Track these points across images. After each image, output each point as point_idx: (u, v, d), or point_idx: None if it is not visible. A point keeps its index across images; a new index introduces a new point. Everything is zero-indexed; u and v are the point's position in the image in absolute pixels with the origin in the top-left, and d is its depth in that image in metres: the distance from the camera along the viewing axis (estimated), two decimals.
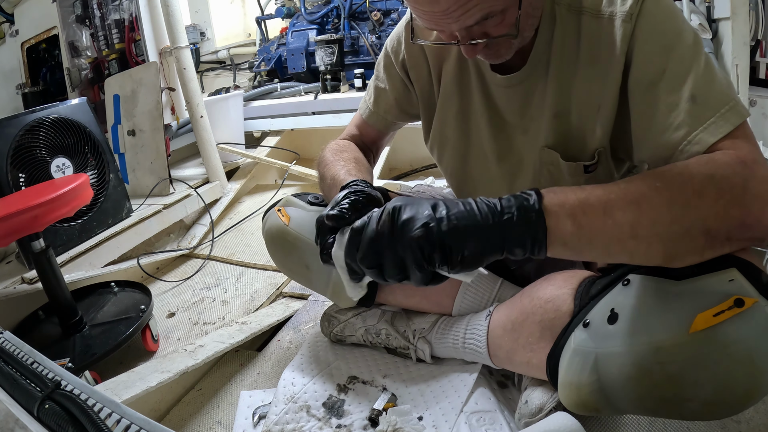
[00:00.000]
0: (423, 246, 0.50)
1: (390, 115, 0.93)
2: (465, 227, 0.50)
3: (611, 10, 0.64)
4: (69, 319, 1.18)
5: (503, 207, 0.51)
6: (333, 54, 2.44)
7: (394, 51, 0.88)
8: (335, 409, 0.85)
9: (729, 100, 0.57)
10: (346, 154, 0.87)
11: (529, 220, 0.50)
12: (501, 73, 0.75)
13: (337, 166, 0.82)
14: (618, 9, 0.63)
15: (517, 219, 0.50)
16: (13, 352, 0.68)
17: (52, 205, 1.06)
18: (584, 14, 0.66)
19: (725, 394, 0.48)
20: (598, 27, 0.65)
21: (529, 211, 0.50)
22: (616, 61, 0.63)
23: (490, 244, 0.51)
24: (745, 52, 1.49)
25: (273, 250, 0.96)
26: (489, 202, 0.52)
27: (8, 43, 3.18)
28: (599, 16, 0.65)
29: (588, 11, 0.66)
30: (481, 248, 0.51)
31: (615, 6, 0.63)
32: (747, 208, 0.49)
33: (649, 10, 0.61)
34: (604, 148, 0.71)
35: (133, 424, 0.51)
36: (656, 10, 0.61)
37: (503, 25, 0.60)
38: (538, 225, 0.50)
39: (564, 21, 0.68)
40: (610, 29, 0.64)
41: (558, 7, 0.68)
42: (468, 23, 0.58)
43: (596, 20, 0.65)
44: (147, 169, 2.07)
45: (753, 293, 0.48)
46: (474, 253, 0.50)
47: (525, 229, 0.50)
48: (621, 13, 0.62)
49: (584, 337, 0.59)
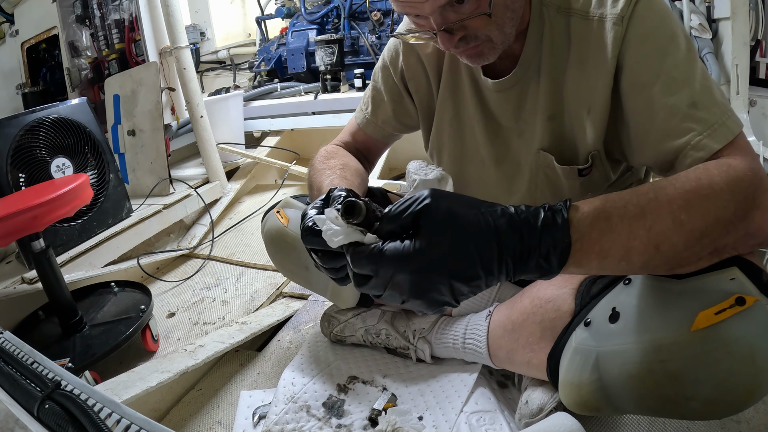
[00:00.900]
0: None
1: (388, 126, 0.93)
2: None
3: (601, 12, 0.63)
4: (69, 319, 1.18)
5: (531, 225, 0.46)
6: (333, 54, 2.44)
7: (392, 62, 0.87)
8: (335, 409, 0.85)
9: (727, 109, 0.58)
10: (333, 161, 0.84)
11: (547, 261, 0.46)
12: (492, 78, 0.75)
13: (323, 175, 0.80)
14: (608, 11, 0.62)
15: (543, 243, 0.45)
16: (13, 352, 0.68)
17: (52, 205, 1.06)
18: (573, 16, 0.66)
19: (726, 393, 0.48)
20: (587, 29, 0.65)
21: (557, 240, 0.46)
22: (606, 64, 0.63)
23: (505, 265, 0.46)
24: (745, 52, 1.49)
25: (272, 252, 0.96)
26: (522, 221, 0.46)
27: (8, 43, 3.19)
28: (588, 18, 0.64)
29: (577, 13, 0.65)
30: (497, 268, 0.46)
31: (605, 8, 0.62)
32: (751, 219, 0.49)
33: (641, 13, 0.60)
34: (598, 151, 0.71)
35: (133, 424, 0.51)
36: (648, 13, 0.60)
37: (479, 9, 0.59)
38: (552, 273, 0.47)
39: (553, 23, 0.68)
40: (600, 32, 0.63)
41: (546, 9, 0.68)
42: (440, 2, 0.57)
43: (585, 22, 0.65)
44: (147, 169, 2.07)
45: (754, 292, 0.48)
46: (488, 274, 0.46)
47: (541, 266, 0.46)
48: (612, 15, 0.62)
49: (585, 336, 0.58)
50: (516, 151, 0.79)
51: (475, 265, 0.44)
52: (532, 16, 0.68)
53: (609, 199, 0.48)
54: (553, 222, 0.45)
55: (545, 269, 0.46)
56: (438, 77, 0.83)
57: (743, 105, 1.49)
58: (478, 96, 0.79)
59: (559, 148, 0.73)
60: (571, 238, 0.45)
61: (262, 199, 2.25)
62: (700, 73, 0.59)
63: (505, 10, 0.61)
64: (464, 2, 0.58)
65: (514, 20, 0.64)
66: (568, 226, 0.46)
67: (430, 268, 0.44)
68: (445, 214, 0.45)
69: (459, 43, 0.63)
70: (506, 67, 0.73)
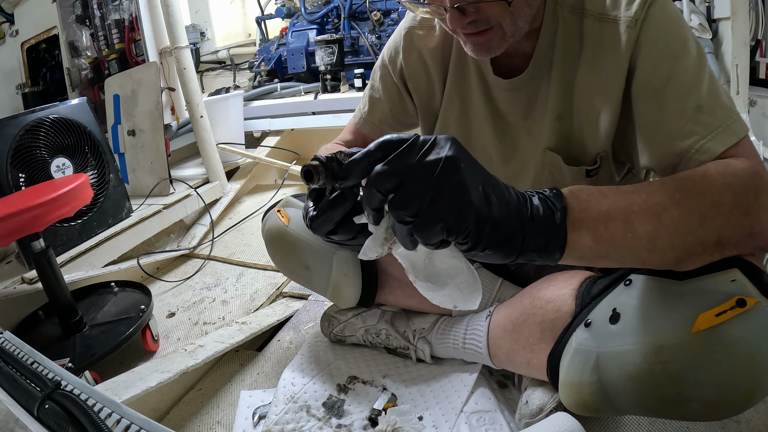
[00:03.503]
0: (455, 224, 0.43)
1: (385, 125, 0.92)
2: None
3: (615, 14, 0.63)
4: (69, 319, 1.17)
5: (529, 203, 0.46)
6: (333, 54, 2.44)
7: (392, 61, 0.87)
8: (335, 409, 0.85)
9: (732, 113, 0.58)
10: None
11: (548, 230, 0.46)
12: (503, 76, 0.75)
13: None
14: (622, 14, 0.62)
15: (538, 225, 0.46)
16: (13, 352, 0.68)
17: (52, 205, 1.06)
18: (587, 17, 0.66)
19: (727, 394, 0.48)
20: (600, 30, 0.64)
21: (551, 221, 0.46)
22: (619, 66, 0.63)
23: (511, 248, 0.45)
24: (745, 52, 1.49)
25: (273, 251, 0.96)
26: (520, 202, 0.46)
27: (8, 43, 3.18)
28: (602, 20, 0.64)
29: (590, 14, 0.65)
30: (503, 251, 0.45)
31: (619, 10, 0.62)
32: (756, 218, 0.49)
33: (654, 17, 0.60)
34: (606, 152, 0.71)
35: (133, 424, 0.51)
36: (662, 17, 0.60)
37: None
38: (558, 237, 0.46)
39: (566, 23, 0.68)
40: (613, 33, 0.63)
41: (560, 8, 0.68)
42: None
43: (598, 24, 0.65)
44: (147, 169, 2.07)
45: (755, 294, 0.48)
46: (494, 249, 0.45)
47: (543, 238, 0.46)
48: (626, 18, 0.61)
49: (586, 336, 0.58)
50: (524, 149, 0.79)
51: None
52: (546, 15, 0.68)
53: (598, 184, 0.51)
54: (543, 191, 0.48)
55: (552, 229, 0.46)
56: (443, 73, 0.82)
57: (743, 105, 1.49)
58: (487, 93, 0.79)
59: (566, 148, 0.73)
60: (565, 197, 0.48)
61: (262, 199, 2.25)
62: (708, 77, 0.59)
63: (524, 3, 0.61)
64: None
65: (529, 16, 0.64)
66: (560, 191, 0.48)
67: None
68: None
69: (468, 26, 0.61)
70: (516, 66, 0.72)
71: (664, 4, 0.61)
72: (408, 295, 0.94)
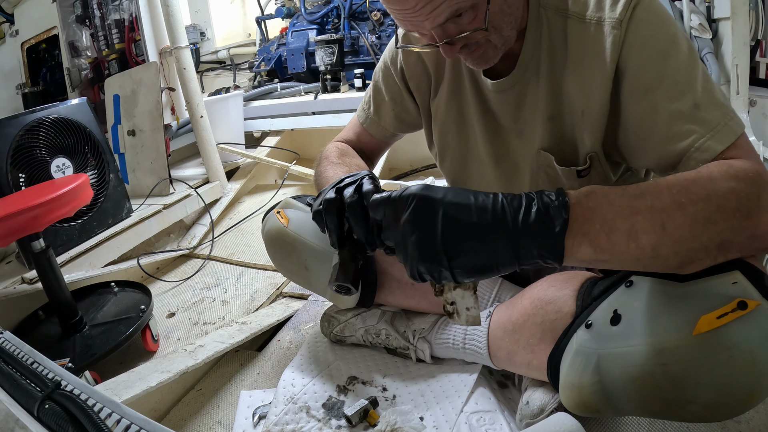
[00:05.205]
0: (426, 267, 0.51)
1: (390, 126, 0.93)
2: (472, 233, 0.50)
3: (599, 15, 0.62)
4: (69, 319, 1.17)
5: (523, 211, 0.49)
6: (333, 54, 2.44)
7: (393, 62, 0.88)
8: (335, 410, 0.85)
9: (729, 110, 0.57)
10: (348, 159, 0.86)
11: (544, 240, 0.48)
12: (492, 78, 0.75)
13: (343, 168, 0.82)
14: (606, 15, 0.61)
15: (530, 237, 0.48)
16: (13, 352, 0.68)
17: (52, 205, 1.06)
18: (570, 18, 0.66)
19: (727, 396, 0.48)
20: (583, 32, 0.64)
21: (547, 232, 0.48)
22: (604, 68, 0.62)
23: (500, 256, 0.49)
24: (745, 52, 1.49)
25: (272, 252, 0.96)
26: (507, 205, 0.50)
27: (8, 43, 3.18)
28: (585, 21, 0.64)
29: (574, 15, 0.65)
30: (488, 260, 0.50)
31: (603, 12, 0.62)
32: (758, 220, 0.49)
33: (640, 17, 0.60)
34: (596, 153, 0.70)
35: (133, 424, 0.51)
36: (648, 16, 0.60)
37: (476, 21, 0.60)
38: (554, 249, 0.48)
39: (551, 24, 0.67)
40: (597, 35, 0.63)
41: (544, 10, 0.67)
42: (439, 21, 0.58)
43: (582, 25, 0.64)
44: (147, 169, 2.07)
45: (756, 296, 0.48)
46: (478, 264, 0.50)
47: (536, 252, 0.48)
48: (610, 19, 0.61)
49: (587, 338, 0.58)
50: (515, 151, 0.79)
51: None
52: (530, 17, 0.68)
53: (605, 185, 0.51)
54: (547, 192, 0.50)
55: (548, 239, 0.48)
56: (440, 75, 0.83)
57: (743, 105, 1.49)
58: (479, 95, 0.79)
59: (560, 149, 0.73)
60: (567, 197, 0.49)
61: (262, 199, 2.25)
62: (702, 75, 0.59)
63: (502, 16, 0.62)
64: (462, 15, 0.59)
65: (513, 23, 0.65)
66: (566, 200, 0.49)
67: None
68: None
69: (462, 50, 0.64)
70: (506, 67, 0.73)
71: (649, 3, 0.60)
72: (408, 295, 0.94)
